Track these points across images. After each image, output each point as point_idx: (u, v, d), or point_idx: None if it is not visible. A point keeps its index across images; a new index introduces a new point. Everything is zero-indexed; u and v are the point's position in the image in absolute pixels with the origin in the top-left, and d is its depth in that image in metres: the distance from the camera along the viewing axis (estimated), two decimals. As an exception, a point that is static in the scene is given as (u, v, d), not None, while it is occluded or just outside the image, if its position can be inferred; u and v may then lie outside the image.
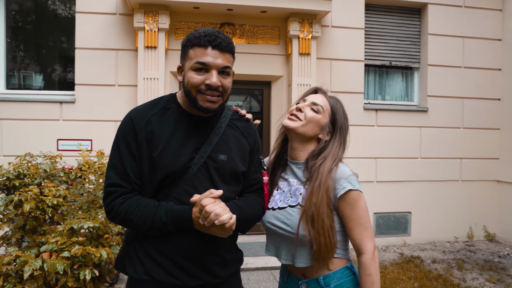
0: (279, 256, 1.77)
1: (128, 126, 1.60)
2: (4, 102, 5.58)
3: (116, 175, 1.58)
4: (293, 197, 1.74)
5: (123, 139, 1.59)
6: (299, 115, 1.77)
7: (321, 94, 1.85)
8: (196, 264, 1.58)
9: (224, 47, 1.56)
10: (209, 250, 1.60)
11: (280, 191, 1.81)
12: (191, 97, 1.57)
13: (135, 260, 1.63)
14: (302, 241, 1.67)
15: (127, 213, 1.54)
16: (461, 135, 6.73)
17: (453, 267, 5.39)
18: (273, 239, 1.78)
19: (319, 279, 1.71)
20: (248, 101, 6.87)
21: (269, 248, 1.82)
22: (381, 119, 6.48)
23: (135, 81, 5.71)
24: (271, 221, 1.75)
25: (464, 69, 6.73)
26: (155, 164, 1.56)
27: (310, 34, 5.89)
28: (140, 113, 1.63)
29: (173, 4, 5.52)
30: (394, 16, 6.69)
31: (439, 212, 6.66)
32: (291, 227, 1.68)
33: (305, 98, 1.85)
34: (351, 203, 1.67)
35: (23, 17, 6.07)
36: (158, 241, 1.58)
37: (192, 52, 1.56)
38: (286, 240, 1.72)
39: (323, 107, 1.78)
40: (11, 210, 3.56)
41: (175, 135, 1.60)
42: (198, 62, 1.53)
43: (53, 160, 4.40)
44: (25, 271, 2.78)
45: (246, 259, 5.18)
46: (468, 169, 6.77)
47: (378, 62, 6.67)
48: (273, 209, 1.76)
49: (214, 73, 1.54)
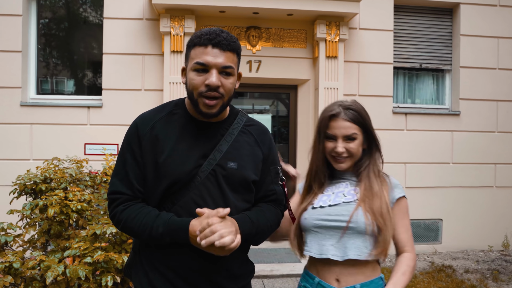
0: (324, 252, 1.69)
1: (133, 132, 1.56)
2: (35, 107, 5.70)
3: (119, 182, 1.54)
4: (347, 196, 1.76)
5: (128, 145, 1.56)
6: (343, 155, 1.77)
7: (341, 120, 1.76)
8: (202, 277, 1.52)
9: (225, 45, 1.47)
10: (216, 264, 1.52)
11: (327, 193, 1.80)
12: (193, 100, 1.51)
13: (139, 270, 1.59)
14: (362, 232, 1.67)
15: (127, 221, 1.50)
16: (495, 139, 6.48)
17: (487, 278, 5.16)
18: (320, 236, 1.72)
19: (356, 286, 1.68)
20: (275, 105, 6.82)
21: (312, 247, 1.74)
22: (410, 123, 6.30)
23: (161, 85, 5.74)
24: (320, 217, 1.72)
25: (499, 70, 6.48)
26: (160, 171, 1.50)
27: (338, 36, 5.79)
28: (145, 118, 1.58)
29: (199, 8, 5.52)
30: (424, 17, 6.50)
31: (472, 219, 6.42)
32: (348, 218, 1.68)
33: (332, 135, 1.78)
34: (403, 208, 1.80)
35: (53, 24, 6.20)
36: (164, 252, 1.52)
37: (193, 52, 1.50)
38: (338, 233, 1.69)
39: (355, 132, 1.77)
40: (37, 214, 3.60)
41: (181, 141, 1.53)
42: (197, 63, 1.47)
43: (79, 165, 4.44)
44: (47, 276, 2.79)
45: (271, 265, 5.13)
46: (503, 174, 6.50)
47: (408, 65, 6.49)
48: (321, 207, 1.74)
49: (214, 73, 1.46)
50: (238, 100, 6.67)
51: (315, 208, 1.75)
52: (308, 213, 1.76)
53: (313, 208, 1.76)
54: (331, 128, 1.78)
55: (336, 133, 1.77)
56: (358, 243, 1.67)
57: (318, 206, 1.75)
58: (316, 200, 1.79)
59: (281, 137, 6.66)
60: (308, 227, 1.75)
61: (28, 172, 4.16)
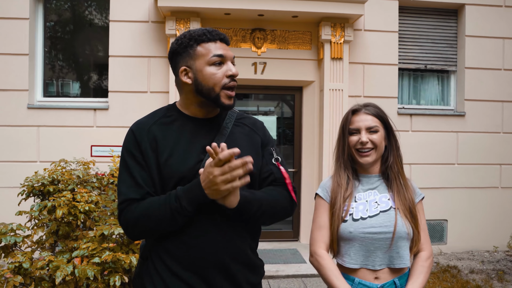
0: (370, 263, 1.78)
1: (131, 139, 1.57)
2: (42, 110, 5.75)
3: (127, 189, 1.52)
4: (381, 204, 1.83)
5: (128, 152, 1.56)
6: (368, 146, 1.85)
7: (363, 113, 1.89)
8: (219, 274, 1.51)
9: (228, 40, 1.61)
10: (232, 254, 1.52)
11: (361, 201, 1.84)
12: (213, 95, 1.53)
13: (153, 275, 1.56)
14: (405, 239, 1.78)
15: (142, 215, 1.47)
16: (500, 140, 6.47)
17: (492, 278, 5.16)
18: (365, 248, 1.78)
19: (395, 280, 1.80)
20: (280, 107, 6.84)
21: (356, 259, 1.79)
22: (415, 124, 6.31)
23: (167, 87, 5.78)
24: (366, 230, 1.77)
25: (504, 71, 6.48)
26: (163, 171, 1.51)
27: (342, 38, 5.81)
28: (140, 124, 1.60)
29: (204, 11, 5.56)
30: (429, 18, 6.51)
31: (477, 220, 6.41)
32: (393, 228, 1.76)
33: (355, 128, 1.87)
34: (422, 209, 1.93)
35: (60, 27, 6.25)
36: (178, 252, 1.51)
37: (201, 49, 1.54)
38: (384, 245, 1.76)
39: (377, 124, 1.87)
40: (45, 215, 3.64)
41: (180, 140, 1.55)
42: (216, 55, 1.52)
43: (86, 166, 4.48)
44: (56, 276, 2.82)
45: (276, 266, 5.14)
46: (508, 175, 6.49)
47: (413, 66, 6.50)
48: (362, 219, 1.79)
49: (231, 64, 1.56)
50: (243, 101, 6.70)
51: (357, 220, 1.79)
52: (352, 225, 1.78)
53: (354, 220, 1.80)
54: (353, 123, 1.88)
55: (360, 125, 1.86)
56: (402, 252, 1.78)
57: (359, 218, 1.79)
58: (353, 209, 1.82)
59: (286, 139, 6.68)
60: (354, 239, 1.79)
61: (36, 174, 4.21)
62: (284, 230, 6.41)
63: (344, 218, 1.80)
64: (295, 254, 5.66)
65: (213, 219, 1.51)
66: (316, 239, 1.87)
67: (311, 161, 6.23)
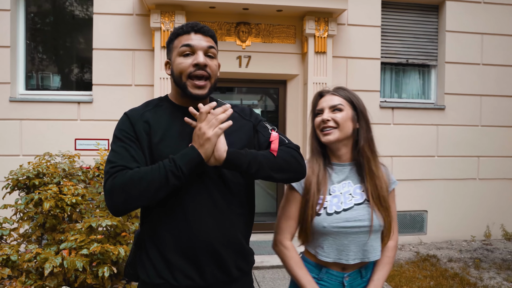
0: (343, 257, 1.76)
1: (125, 121, 1.60)
2: (24, 103, 5.70)
3: (120, 159, 1.49)
4: (355, 196, 1.80)
5: (122, 131, 1.57)
6: (329, 124, 1.80)
7: (329, 95, 1.88)
8: (209, 260, 1.55)
9: (206, 31, 1.61)
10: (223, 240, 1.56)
11: (335, 194, 1.81)
12: (181, 84, 1.57)
13: (146, 262, 1.59)
14: (378, 231, 1.79)
15: (132, 178, 1.42)
16: (479, 133, 6.65)
17: (470, 266, 5.33)
18: (338, 242, 1.76)
19: (361, 269, 1.82)
20: (263, 100, 6.89)
21: (329, 253, 1.77)
22: (397, 117, 6.44)
23: (152, 81, 5.78)
24: (340, 224, 1.75)
25: (483, 66, 6.64)
26: (154, 154, 1.53)
27: (326, 32, 5.88)
28: (134, 110, 1.64)
29: (189, 4, 5.56)
30: (411, 13, 6.63)
31: (456, 210, 6.59)
32: (367, 221, 1.75)
33: (320, 108, 1.87)
34: (394, 197, 1.92)
35: (42, 19, 6.18)
36: (170, 238, 1.54)
37: (176, 42, 1.60)
38: (357, 238, 1.76)
39: (341, 103, 1.83)
40: (31, 208, 3.63)
41: (171, 127, 1.59)
42: (184, 45, 1.56)
43: (71, 160, 4.47)
44: (45, 268, 2.84)
45: (261, 257, 5.22)
46: (486, 167, 6.68)
47: (395, 60, 6.62)
48: (336, 213, 1.76)
49: (200, 53, 1.56)
50: (226, 95, 6.73)
51: (331, 214, 1.76)
52: (326, 220, 1.76)
53: (328, 214, 1.76)
54: (319, 104, 1.88)
55: (323, 105, 1.85)
56: (375, 244, 1.79)
57: (333, 212, 1.76)
58: (328, 203, 1.79)
59: (270, 132, 6.72)
60: (327, 233, 1.77)
61: (20, 167, 4.18)
62: (268, 222, 6.49)
63: (318, 212, 1.77)
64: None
65: (206, 205, 1.55)
66: (282, 229, 1.87)
67: (295, 154, 6.29)
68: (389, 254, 1.87)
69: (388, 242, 1.87)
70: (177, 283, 1.54)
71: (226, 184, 1.59)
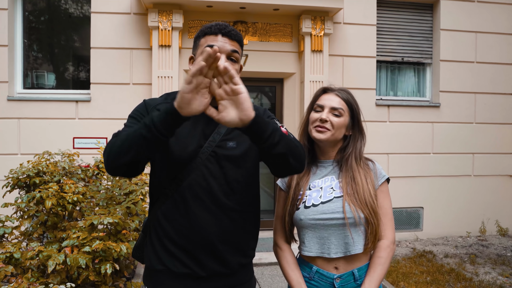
0: (326, 251, 1.75)
1: (141, 105, 1.66)
2: (22, 102, 5.70)
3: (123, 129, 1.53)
4: (336, 190, 1.78)
5: (135, 111, 1.63)
6: (326, 125, 1.79)
7: (333, 94, 1.85)
8: (208, 254, 1.61)
9: (233, 35, 1.61)
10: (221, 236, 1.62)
11: (316, 189, 1.81)
12: None
13: (150, 250, 1.67)
14: (358, 224, 1.72)
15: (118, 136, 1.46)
16: (473, 130, 6.73)
17: (465, 262, 5.41)
18: (318, 235, 1.76)
19: (354, 271, 1.76)
20: (259, 98, 6.93)
21: (311, 247, 1.77)
22: (393, 115, 6.50)
23: (150, 79, 5.80)
24: (316, 216, 1.74)
25: (477, 64, 6.71)
26: (164, 149, 1.57)
27: (322, 31, 5.93)
28: (152, 99, 1.69)
29: (186, 3, 5.59)
30: (406, 12, 6.69)
31: (452, 207, 6.67)
32: (344, 214, 1.72)
33: (320, 104, 1.84)
34: (385, 191, 1.84)
35: (39, 17, 6.19)
36: (171, 230, 1.60)
37: (203, 40, 1.61)
38: (337, 231, 1.73)
39: (342, 108, 1.81)
40: (32, 207, 3.66)
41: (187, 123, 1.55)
42: (209, 45, 1.53)
43: (71, 158, 4.50)
44: (49, 265, 2.88)
45: (259, 254, 5.27)
46: (481, 164, 6.76)
47: (390, 58, 6.68)
48: (314, 206, 1.76)
49: (223, 58, 1.49)
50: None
51: (308, 207, 1.76)
52: (303, 213, 1.77)
53: (305, 207, 1.77)
54: (320, 100, 1.85)
55: (325, 103, 1.82)
56: (356, 237, 1.73)
57: (311, 205, 1.76)
58: (307, 197, 1.79)
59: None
60: (305, 227, 1.77)
61: (21, 166, 4.21)
62: (266, 219, 6.52)
63: (297, 206, 1.79)
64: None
65: (206, 202, 1.60)
66: (277, 229, 1.90)
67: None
68: (381, 254, 1.77)
69: (380, 242, 1.79)
70: (177, 270, 1.61)
71: (228, 183, 1.64)
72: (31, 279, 2.97)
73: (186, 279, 1.62)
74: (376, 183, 1.82)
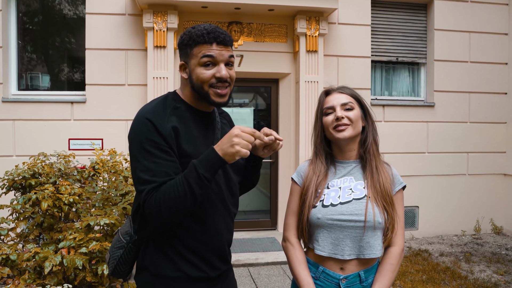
0: (339, 253, 1.73)
1: (151, 129, 1.51)
2: (17, 103, 5.69)
3: (153, 178, 1.49)
4: (355, 191, 1.77)
5: (149, 141, 1.50)
6: (344, 121, 1.78)
7: (336, 93, 1.85)
8: (217, 255, 1.68)
9: (228, 41, 1.60)
10: (228, 239, 1.73)
11: (334, 188, 1.79)
12: (203, 92, 1.58)
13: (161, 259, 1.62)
14: (377, 228, 1.72)
15: (162, 200, 1.45)
16: (468, 129, 6.77)
17: (460, 260, 5.44)
18: (333, 235, 1.73)
19: (360, 273, 1.75)
20: (255, 99, 6.94)
21: (324, 247, 1.75)
22: (388, 115, 6.53)
23: (145, 80, 5.80)
24: (335, 216, 1.72)
25: (471, 63, 6.76)
26: (183, 161, 1.54)
27: (317, 31, 5.95)
28: (156, 114, 1.55)
29: (181, 4, 5.59)
30: (400, 12, 6.72)
31: (447, 206, 6.71)
32: (364, 216, 1.70)
33: (329, 106, 1.83)
34: (401, 199, 1.86)
35: (34, 19, 6.17)
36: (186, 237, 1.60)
37: (196, 50, 1.57)
38: (353, 233, 1.72)
39: (351, 101, 1.82)
40: (28, 208, 3.65)
41: (195, 130, 1.62)
42: (206, 56, 1.55)
43: (66, 159, 4.49)
44: (45, 266, 2.87)
45: (256, 254, 5.28)
46: (475, 163, 6.81)
47: (385, 58, 6.71)
48: (332, 205, 1.74)
49: (223, 66, 1.58)
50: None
51: (327, 206, 1.74)
52: (320, 211, 1.74)
53: (323, 206, 1.75)
54: (327, 102, 1.84)
55: (334, 103, 1.81)
56: (372, 242, 1.72)
57: (329, 204, 1.74)
58: (325, 196, 1.77)
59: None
60: (321, 226, 1.75)
61: (16, 168, 4.20)
62: (262, 219, 6.54)
63: (314, 204, 1.76)
64: (274, 243, 5.81)
65: (219, 207, 1.65)
66: (289, 225, 1.88)
67: (288, 151, 6.37)
68: (392, 261, 1.76)
69: (392, 248, 1.79)
70: (194, 275, 1.62)
71: (230, 187, 1.71)
72: (28, 280, 2.96)
73: (201, 282, 1.65)
74: (393, 189, 1.82)
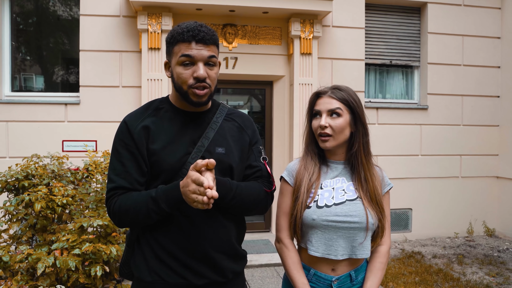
0: (332, 253, 1.73)
1: (124, 129, 1.62)
2: (10, 105, 5.66)
3: (116, 177, 1.59)
4: (348, 192, 1.77)
5: (120, 141, 1.61)
6: (326, 131, 1.75)
7: (326, 97, 1.80)
8: (203, 263, 1.60)
9: (208, 40, 1.55)
10: (215, 244, 1.61)
11: (327, 188, 1.79)
12: (183, 92, 1.58)
13: (140, 262, 1.64)
14: (370, 229, 1.74)
15: (122, 207, 1.55)
16: (461, 132, 6.81)
17: (453, 262, 5.47)
18: (327, 236, 1.74)
19: (351, 273, 1.78)
20: (249, 101, 6.95)
21: (318, 247, 1.75)
22: (382, 117, 6.56)
23: (139, 82, 5.80)
24: (330, 218, 1.72)
25: (464, 67, 6.81)
26: (151, 159, 1.58)
27: (311, 34, 5.97)
28: (133, 116, 1.65)
29: (176, 6, 5.60)
30: (394, 15, 6.77)
31: (440, 208, 6.74)
32: (358, 218, 1.72)
33: (317, 110, 1.81)
34: (388, 199, 1.90)
35: (28, 20, 6.16)
36: (164, 240, 1.58)
37: (176, 48, 1.56)
38: (346, 234, 1.73)
39: (340, 107, 1.77)
40: (21, 210, 3.64)
41: (171, 131, 1.61)
42: (184, 55, 1.53)
43: (60, 161, 4.48)
44: (38, 267, 2.87)
45: (250, 256, 5.27)
46: (468, 165, 6.85)
47: (379, 61, 6.74)
48: (327, 206, 1.74)
49: (201, 65, 1.54)
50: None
51: (321, 207, 1.74)
52: (315, 212, 1.74)
53: (318, 207, 1.74)
54: (317, 105, 1.81)
55: (321, 108, 1.78)
56: (364, 242, 1.74)
57: (324, 205, 1.74)
58: (319, 196, 1.77)
59: (257, 132, 6.78)
60: (316, 227, 1.74)
61: (9, 169, 4.18)
62: (256, 221, 6.55)
63: (308, 205, 1.75)
64: (267, 245, 5.82)
65: (201, 212, 1.58)
66: (282, 225, 1.86)
67: (282, 154, 6.38)
68: (381, 260, 1.82)
69: (380, 247, 1.84)
70: (172, 280, 1.59)
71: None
72: (20, 282, 2.96)
73: None
74: (382, 190, 1.85)
